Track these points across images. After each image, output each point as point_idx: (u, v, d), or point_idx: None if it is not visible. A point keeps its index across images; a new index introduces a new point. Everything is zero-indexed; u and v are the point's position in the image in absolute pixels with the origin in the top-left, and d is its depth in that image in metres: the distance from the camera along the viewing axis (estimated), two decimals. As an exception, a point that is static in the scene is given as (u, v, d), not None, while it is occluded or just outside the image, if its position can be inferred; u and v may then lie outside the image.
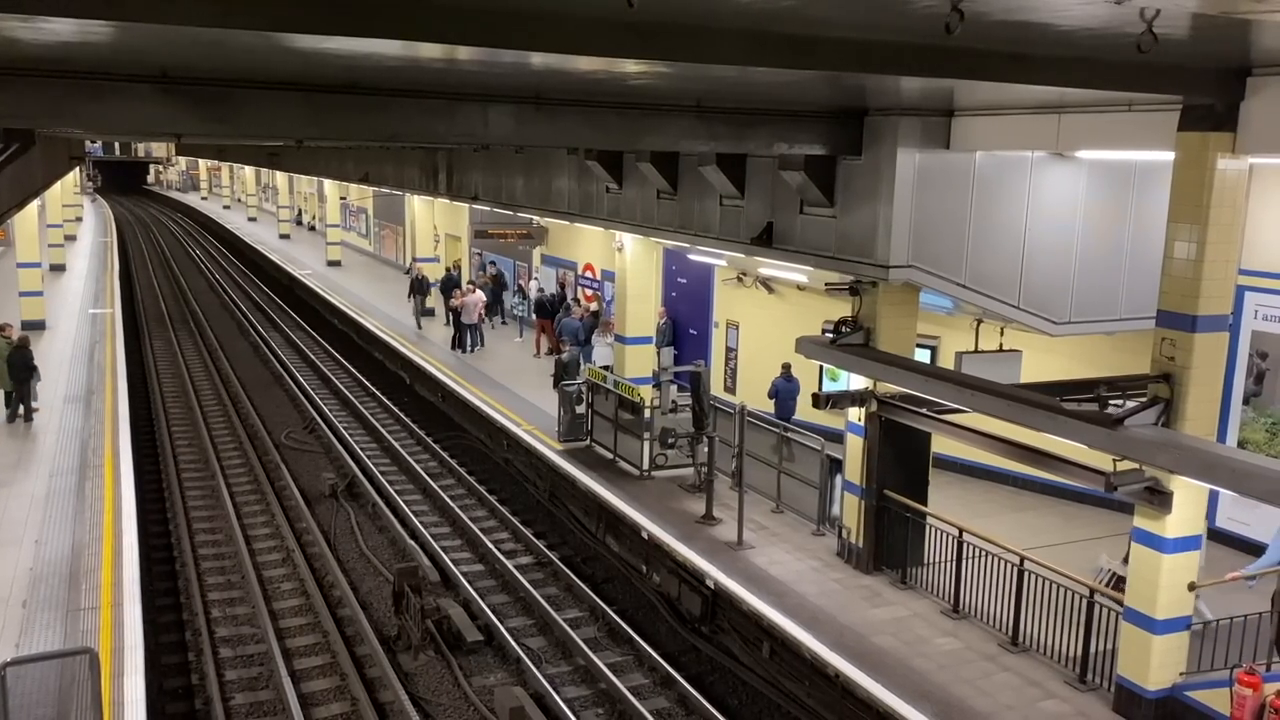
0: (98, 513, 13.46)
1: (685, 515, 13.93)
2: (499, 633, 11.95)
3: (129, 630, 10.25)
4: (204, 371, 25.72)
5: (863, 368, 11.63)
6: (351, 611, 12.45)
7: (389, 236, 41.77)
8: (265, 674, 11.15)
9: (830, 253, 11.27)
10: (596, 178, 15.43)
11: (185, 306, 35.51)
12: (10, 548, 12.30)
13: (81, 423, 17.69)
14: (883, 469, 12.13)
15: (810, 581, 11.97)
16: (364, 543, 14.81)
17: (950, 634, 10.83)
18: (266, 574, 13.68)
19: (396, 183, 26.80)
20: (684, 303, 22.42)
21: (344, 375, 25.10)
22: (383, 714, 10.34)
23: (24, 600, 10.92)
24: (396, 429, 20.56)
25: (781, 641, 10.82)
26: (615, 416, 16.23)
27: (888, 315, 11.78)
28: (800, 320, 16.79)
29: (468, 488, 17.15)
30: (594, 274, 25.86)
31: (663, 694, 11.00)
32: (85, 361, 22.51)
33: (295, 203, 57.12)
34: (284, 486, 16.95)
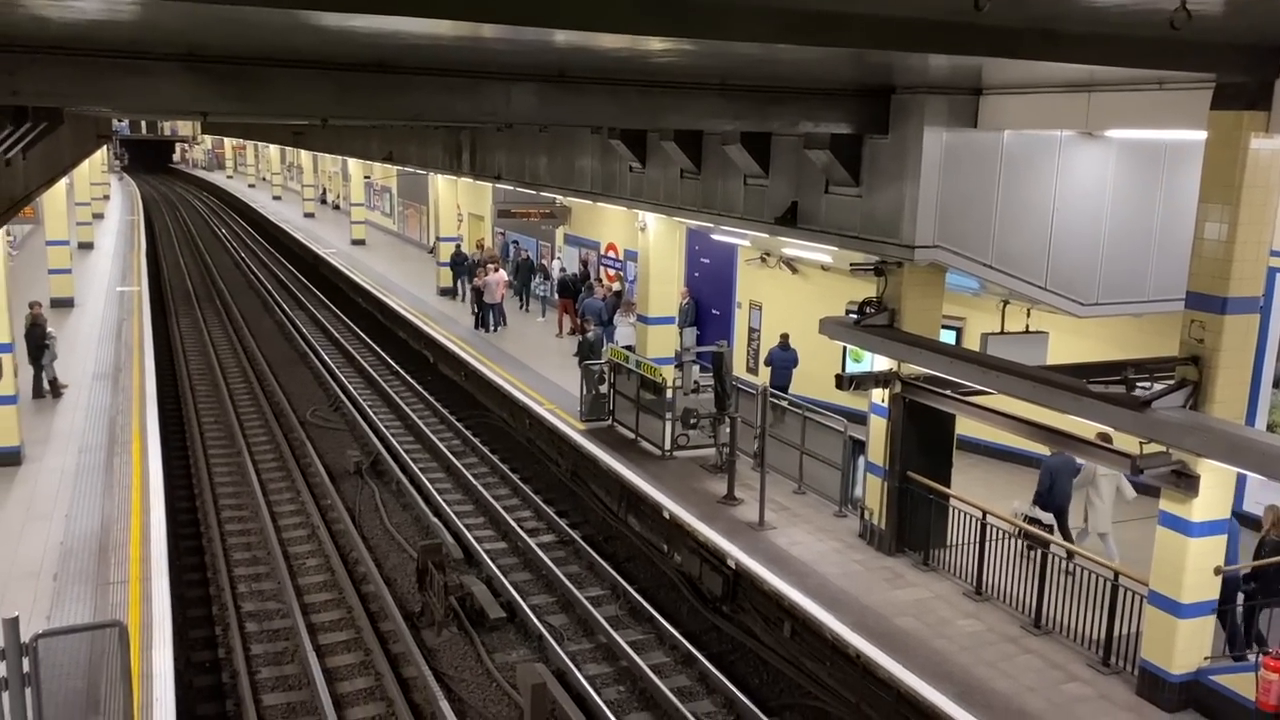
0: (126, 488, 13.63)
1: (707, 495, 13.95)
2: (521, 610, 12.03)
3: (157, 604, 10.40)
4: (230, 349, 25.92)
5: (887, 349, 11.58)
6: (376, 588, 12.56)
7: (413, 216, 41.87)
8: (291, 649, 11.28)
9: (855, 233, 11.19)
10: (619, 157, 15.38)
11: (211, 285, 35.76)
12: (41, 522, 12.49)
13: (109, 399, 17.89)
14: (906, 450, 12.09)
15: (832, 562, 11.97)
16: (388, 520, 14.93)
17: (972, 616, 10.81)
18: (292, 550, 13.81)
19: (420, 162, 26.82)
20: (707, 283, 22.37)
21: (368, 353, 25.24)
22: (406, 689, 10.45)
23: (55, 573, 11.09)
24: (420, 407, 20.66)
25: (803, 622, 10.84)
26: (637, 396, 16.25)
27: (913, 296, 11.71)
28: (824, 301, 16.73)
29: (490, 466, 17.23)
30: (616, 254, 25.84)
31: (684, 672, 11.05)
32: (113, 339, 22.74)
33: (320, 182, 57.32)
34: (309, 464, 17.09)
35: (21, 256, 30.36)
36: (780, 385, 17.03)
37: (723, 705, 10.44)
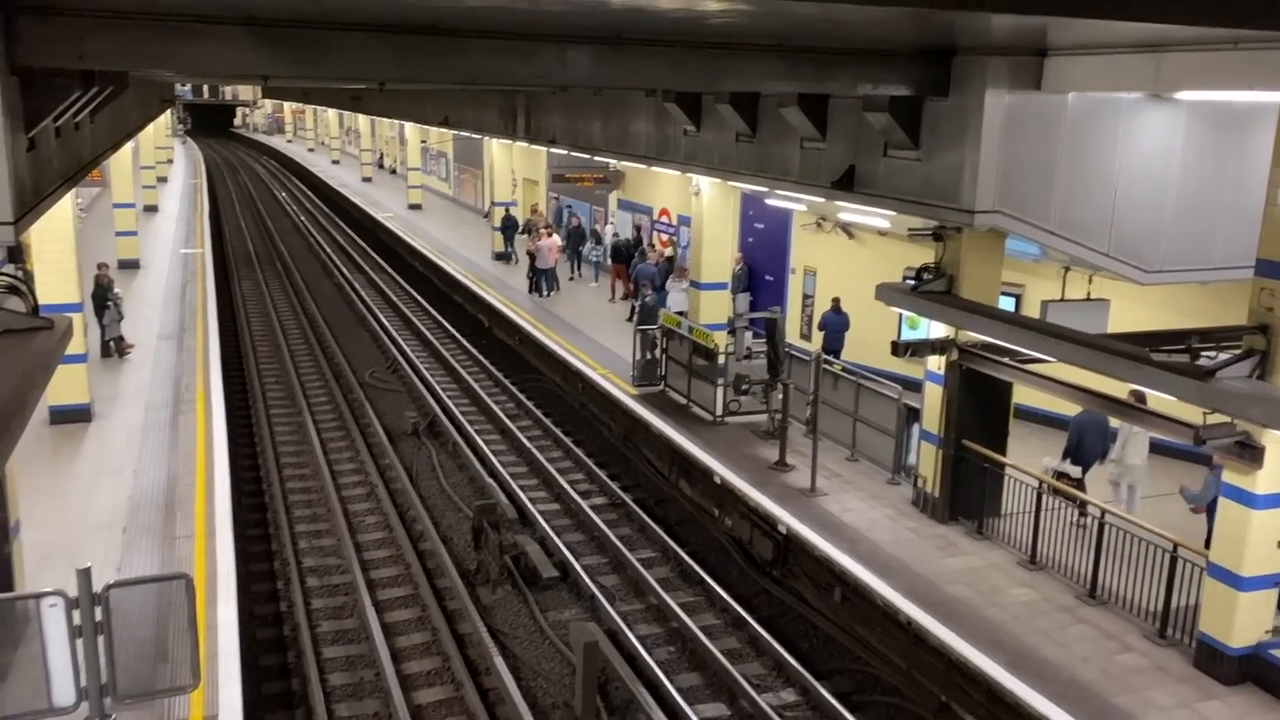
0: (191, 445, 14.00)
1: (758, 461, 13.96)
2: (574, 570, 12.19)
3: (222, 558, 10.71)
4: (290, 311, 26.37)
5: (944, 315, 11.45)
6: (432, 545, 12.80)
7: (468, 180, 42.07)
8: (350, 603, 11.56)
9: (914, 197, 11.03)
10: (674, 120, 15.29)
11: (272, 247, 36.34)
12: (111, 477, 12.89)
13: (175, 359, 18.34)
14: (962, 418, 11.98)
15: (884, 529, 11.94)
16: (445, 480, 15.17)
17: (1026, 585, 10.74)
18: (351, 508, 14.11)
19: (475, 126, 26.90)
20: (761, 248, 22.24)
21: (425, 317, 25.53)
22: (462, 644, 10.67)
23: (124, 527, 11.46)
24: (475, 370, 20.89)
25: (854, 588, 10.85)
26: (689, 362, 16.26)
27: (972, 262, 11.55)
28: (880, 267, 16.55)
29: (544, 429, 17.39)
30: (670, 219, 25.76)
31: (734, 635, 11.14)
32: (177, 300, 23.27)
33: (377, 146, 57.79)
34: (368, 424, 17.40)
35: (90, 219, 31.07)
36: (833, 350, 17.13)
37: (772, 668, 10.52)
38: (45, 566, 10.14)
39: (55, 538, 10.94)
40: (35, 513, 11.07)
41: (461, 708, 9.70)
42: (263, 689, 9.96)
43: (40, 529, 10.79)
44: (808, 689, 10.01)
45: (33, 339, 8.02)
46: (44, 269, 14.24)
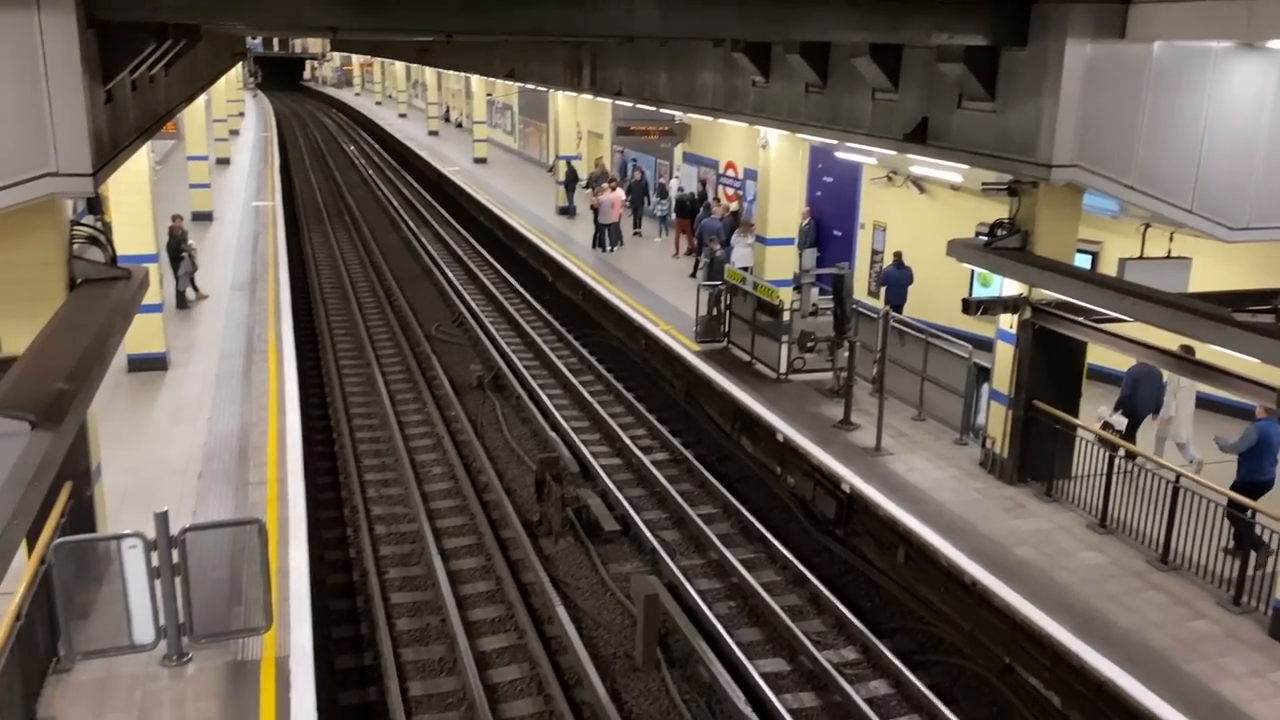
0: (263, 394, 14.31)
1: (822, 420, 13.86)
2: (635, 524, 12.26)
3: (293, 504, 10.96)
4: (359, 264, 26.72)
5: (1018, 273, 11.18)
6: (496, 497, 12.97)
7: (533, 134, 42.03)
8: (417, 551, 11.79)
9: (989, 150, 10.73)
10: (742, 71, 15.04)
11: (340, 201, 36.77)
12: (187, 425, 13.24)
13: (247, 310, 18.72)
14: (1033, 378, 11.73)
15: (950, 490, 11.80)
16: (508, 433, 15.33)
17: (1096, 548, 10.55)
18: (418, 458, 14.33)
19: (541, 79, 26.80)
20: (829, 203, 21.91)
21: (489, 271, 25.68)
22: (525, 593, 10.82)
23: (199, 473, 11.79)
24: (539, 325, 21.00)
25: (918, 548, 10.76)
26: (753, 318, 16.14)
27: (1048, 218, 11.23)
28: (952, 222, 16.21)
29: (606, 384, 17.45)
30: (736, 172, 25.48)
31: (794, 592, 11.14)
32: (249, 252, 23.70)
33: (443, 99, 57.95)
34: (434, 376, 17.62)
35: (164, 171, 31.70)
36: (895, 305, 17.00)
37: (833, 626, 10.51)
38: (124, 510, 10.48)
39: (134, 482, 11.30)
40: (115, 457, 11.42)
41: (524, 655, 9.86)
42: (332, 632, 10.23)
43: (119, 473, 11.14)
44: (868, 647, 9.99)
45: (111, 288, 8.23)
46: (121, 220, 14.57)
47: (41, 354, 6.49)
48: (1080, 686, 8.70)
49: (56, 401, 5.60)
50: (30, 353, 6.56)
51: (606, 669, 9.62)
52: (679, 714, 9.05)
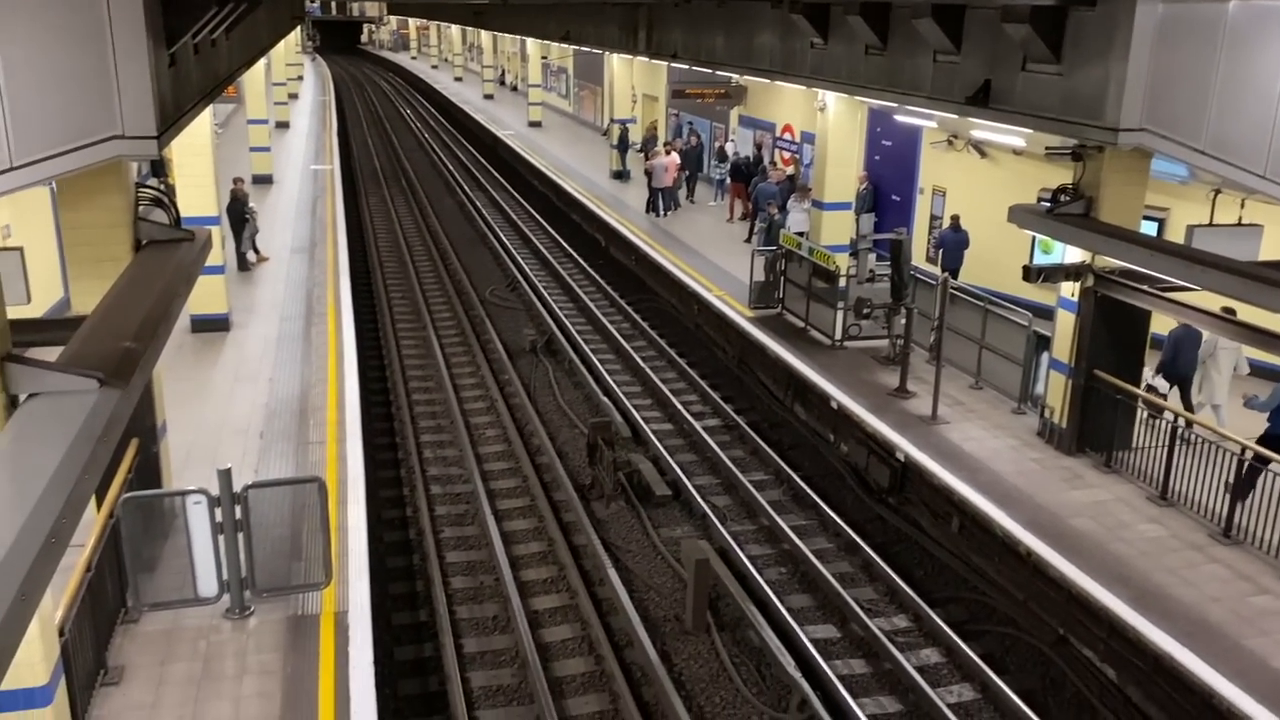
0: (322, 356, 14.55)
1: (877, 387, 13.74)
2: (686, 489, 12.31)
3: (352, 463, 11.17)
4: (415, 228, 26.94)
5: (1081, 240, 10.93)
6: (549, 459, 13.08)
7: (588, 97, 41.86)
8: (471, 511, 11.95)
9: (1053, 114, 10.46)
10: (800, 32, 14.81)
11: (397, 164, 37.01)
12: (249, 384, 13.52)
13: (306, 272, 18.99)
14: (1094, 347, 11.51)
15: (1006, 459, 11.66)
16: (560, 397, 15.42)
17: (1155, 521, 10.37)
18: (472, 420, 14.50)
19: (596, 41, 26.63)
20: (887, 167, 21.57)
21: (543, 235, 25.74)
22: (577, 555, 10.94)
23: (261, 432, 12.04)
24: (592, 290, 21.03)
25: (972, 517, 10.67)
26: (808, 284, 16.01)
27: (1113, 183, 10.96)
28: (1014, 188, 15.89)
29: (658, 350, 17.46)
30: (793, 135, 25.18)
31: (846, 559, 11.12)
32: (308, 215, 24.00)
33: (499, 63, 57.90)
34: (488, 340, 17.76)
35: (225, 135, 32.14)
36: (952, 268, 16.84)
37: (884, 594, 10.48)
38: (188, 466, 10.76)
39: (197, 440, 11.58)
40: (179, 416, 11.70)
41: (576, 615, 9.98)
42: (389, 589, 10.44)
43: (184, 431, 11.42)
44: (920, 615, 9.96)
45: (176, 250, 8.39)
46: (184, 183, 14.80)
47: (109, 313, 6.65)
48: (1137, 660, 8.60)
49: (124, 360, 5.74)
50: (98, 312, 6.72)
51: (656, 631, 9.71)
52: (728, 677, 9.12)
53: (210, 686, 7.62)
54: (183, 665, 7.85)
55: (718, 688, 9.02)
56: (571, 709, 8.67)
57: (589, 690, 8.94)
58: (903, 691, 8.98)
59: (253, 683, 7.67)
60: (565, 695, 8.85)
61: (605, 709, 8.69)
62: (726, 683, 9.07)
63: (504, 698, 8.84)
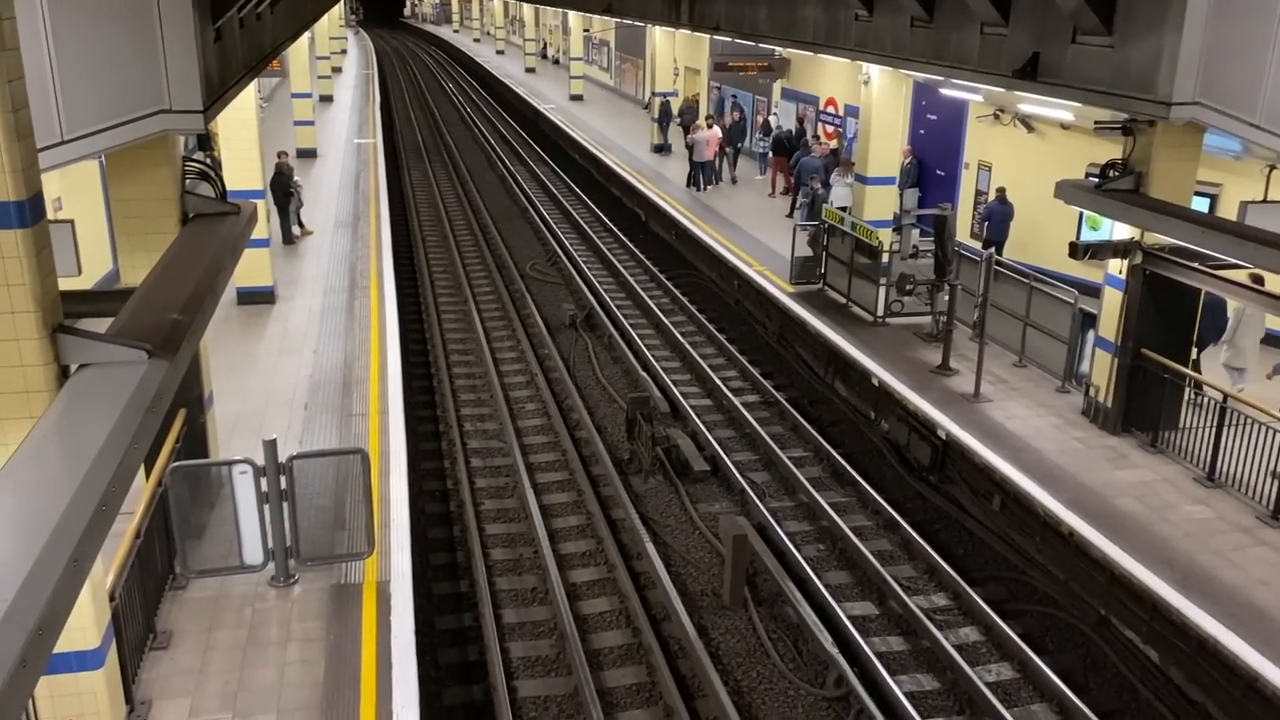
0: (365, 329, 14.70)
1: (919, 364, 13.63)
2: (724, 464, 12.31)
3: (394, 435, 11.29)
4: (456, 202, 27.04)
5: (1131, 216, 10.73)
6: (588, 434, 13.14)
7: (629, 70, 41.65)
8: (511, 485, 12.05)
9: (1103, 87, 10.26)
10: (845, 4, 14.62)
11: (439, 138, 37.13)
12: (293, 356, 13.70)
13: (349, 246, 19.16)
14: (1142, 326, 11.32)
15: (1050, 439, 11.53)
16: (600, 372, 15.46)
17: (1201, 502, 10.22)
18: (512, 394, 14.59)
19: (639, 14, 26.47)
20: (932, 141, 21.28)
21: (583, 209, 25.73)
22: (615, 529, 11.00)
23: (305, 403, 12.21)
24: (631, 264, 21.01)
25: (1014, 496, 10.57)
26: (850, 260, 15.88)
27: (1164, 158, 10.73)
28: (1061, 163, 15.62)
29: (698, 325, 17.43)
30: (836, 109, 24.90)
31: (885, 537, 11.08)
32: (352, 189, 24.18)
33: (541, 36, 57.74)
34: (528, 314, 17.83)
35: (270, 109, 32.40)
36: (997, 241, 16.74)
37: (924, 571, 10.44)
38: (234, 437, 10.95)
39: (243, 410, 11.77)
40: (226, 387, 11.90)
41: (614, 588, 10.05)
42: (430, 559, 10.57)
43: (230, 402, 11.61)
44: (959, 594, 9.91)
45: (221, 223, 8.50)
46: (230, 156, 15.00)
47: (157, 286, 6.76)
48: (1180, 642, 8.50)
49: (171, 331, 5.83)
50: (146, 284, 6.83)
51: (694, 605, 9.75)
52: (765, 652, 9.14)
53: (255, 652, 7.78)
54: (229, 631, 8.02)
55: (754, 662, 9.06)
56: (609, 680, 8.74)
57: (626, 662, 9.02)
58: (941, 669, 8.96)
59: (297, 649, 7.82)
60: (603, 667, 8.93)
61: (642, 681, 8.76)
62: (763, 658, 9.10)
63: (542, 668, 8.94)
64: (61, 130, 6.87)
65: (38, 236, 5.19)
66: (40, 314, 5.22)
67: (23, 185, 5.02)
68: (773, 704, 8.56)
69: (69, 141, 6.95)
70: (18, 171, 4.96)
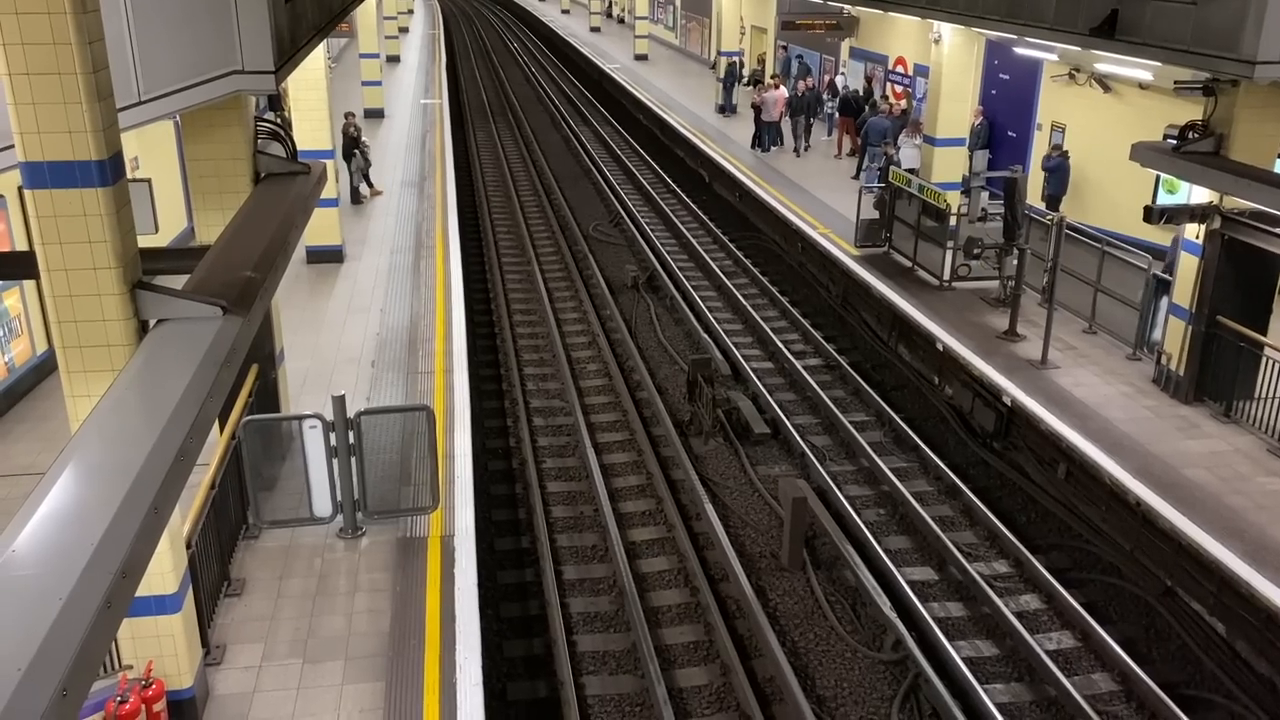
0: (430, 288, 14.89)
1: (985, 330, 13.43)
2: (785, 428, 12.30)
3: (459, 393, 11.47)
4: (520, 162, 27.13)
5: (1210, 179, 10.41)
6: (649, 395, 13.21)
7: (695, 29, 41.20)
8: (572, 444, 12.18)
9: (1184, 45, 9.92)
10: (917, -39, 14.30)
11: (504, 99, 37.18)
12: (361, 315, 13.95)
13: (416, 206, 19.36)
14: (1218, 293, 11.02)
15: (1119, 407, 11.31)
16: (661, 333, 15.49)
17: (1275, 474, 9.98)
18: (574, 355, 14.70)
19: (705, -28, 26.08)
20: (1003, 101, 20.77)
21: (647, 170, 25.64)
22: (674, 490, 11.08)
23: (373, 360, 12.44)
24: (694, 226, 20.93)
25: (1080, 464, 10.42)
26: (917, 223, 15.63)
27: (1247, 120, 10.37)
28: (1138, 124, 15.17)
29: (760, 288, 17.34)
30: (905, 69, 24.41)
31: (947, 503, 11.01)
32: (418, 149, 24.38)
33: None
34: (591, 275, 17.90)
35: (338, 69, 32.71)
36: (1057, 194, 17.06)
37: (985, 538, 10.36)
38: (305, 393, 11.21)
39: (313, 367, 12.04)
40: (296, 343, 12.18)
41: (673, 548, 10.15)
42: (492, 515, 10.76)
43: (300, 358, 11.88)
44: (1021, 561, 9.83)
45: (292, 183, 8.66)
46: (299, 117, 15.21)
47: (230, 244, 6.94)
48: (1248, 615, 8.34)
49: (245, 289, 5.99)
50: (220, 243, 7.01)
51: (752, 566, 9.81)
52: (823, 615, 9.18)
53: (324, 601, 8.03)
54: (299, 580, 8.28)
55: (812, 624, 9.10)
56: (666, 639, 8.86)
57: (684, 621, 9.12)
58: (1000, 636, 8.92)
59: (364, 599, 8.05)
60: (661, 625, 9.05)
61: (700, 639, 8.86)
62: (821, 620, 9.14)
63: (601, 624, 9.08)
64: (139, 91, 7.05)
65: (118, 194, 5.35)
66: (121, 270, 5.40)
67: (104, 145, 5.18)
68: (829, 665, 8.61)
69: (146, 102, 7.13)
70: (99, 131, 5.11)
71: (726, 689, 8.30)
